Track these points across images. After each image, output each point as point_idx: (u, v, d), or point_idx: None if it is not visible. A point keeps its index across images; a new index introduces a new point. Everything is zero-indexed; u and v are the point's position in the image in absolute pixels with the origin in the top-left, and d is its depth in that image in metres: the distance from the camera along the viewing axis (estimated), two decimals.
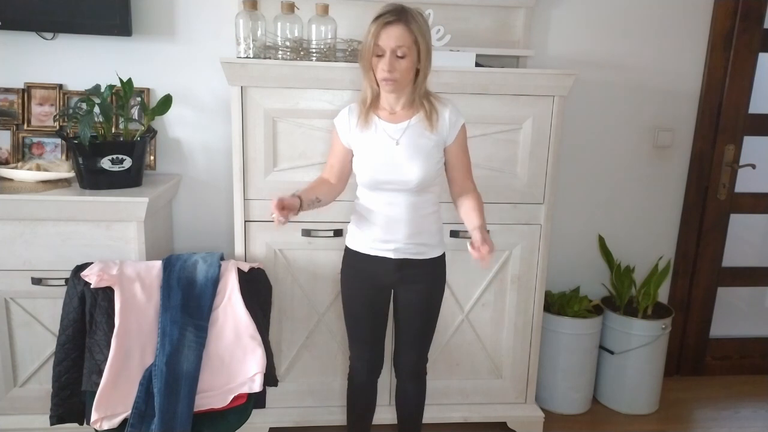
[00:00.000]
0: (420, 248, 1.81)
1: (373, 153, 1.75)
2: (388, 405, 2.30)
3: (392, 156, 1.74)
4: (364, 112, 1.77)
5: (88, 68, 2.34)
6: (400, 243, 1.79)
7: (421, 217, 1.80)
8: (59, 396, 1.93)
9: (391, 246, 1.80)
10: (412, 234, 1.79)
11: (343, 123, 1.81)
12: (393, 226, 1.78)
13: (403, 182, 1.74)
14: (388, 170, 1.73)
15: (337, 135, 1.83)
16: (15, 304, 2.12)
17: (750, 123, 2.74)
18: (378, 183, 1.76)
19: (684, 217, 2.80)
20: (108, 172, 2.12)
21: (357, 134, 1.79)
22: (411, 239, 1.79)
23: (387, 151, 1.74)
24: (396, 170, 1.73)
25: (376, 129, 1.76)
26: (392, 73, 1.65)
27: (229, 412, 1.91)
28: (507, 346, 2.37)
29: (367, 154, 1.76)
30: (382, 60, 1.65)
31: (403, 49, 1.64)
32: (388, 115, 1.77)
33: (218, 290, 1.99)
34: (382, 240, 1.80)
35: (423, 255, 1.83)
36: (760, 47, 2.65)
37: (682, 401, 2.77)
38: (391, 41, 1.63)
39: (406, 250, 1.80)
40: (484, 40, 2.43)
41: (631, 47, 2.57)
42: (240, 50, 2.10)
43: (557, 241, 2.66)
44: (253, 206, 2.15)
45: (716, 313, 2.94)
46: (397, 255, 1.81)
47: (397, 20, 1.63)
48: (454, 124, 1.77)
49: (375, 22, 1.65)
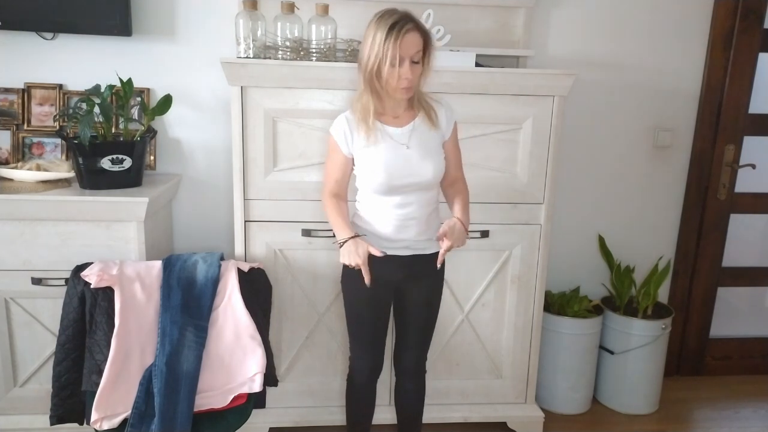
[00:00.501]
0: (426, 243, 1.84)
1: (386, 159, 1.74)
2: (388, 405, 2.30)
3: (406, 159, 1.74)
4: (366, 122, 1.74)
5: (88, 68, 2.34)
6: (411, 240, 1.81)
7: (430, 214, 1.83)
8: (59, 396, 1.93)
9: (402, 245, 1.81)
10: (422, 231, 1.82)
11: (344, 134, 1.77)
12: (406, 225, 1.79)
13: (419, 183, 1.76)
14: (403, 174, 1.74)
15: (337, 145, 1.79)
16: (15, 304, 2.12)
17: (750, 123, 2.74)
18: (394, 188, 1.75)
19: (684, 217, 2.80)
20: (108, 172, 2.12)
21: (361, 144, 1.76)
22: (420, 236, 1.82)
23: (399, 155, 1.74)
24: (411, 172, 1.75)
25: (383, 136, 1.75)
26: (410, 79, 1.65)
27: (229, 412, 1.91)
28: (507, 346, 2.37)
29: (378, 162, 1.74)
30: (400, 68, 1.63)
31: (419, 55, 1.66)
32: (391, 120, 1.77)
33: (218, 290, 1.99)
34: (393, 240, 1.80)
35: (428, 249, 1.85)
36: (760, 47, 2.65)
37: (682, 401, 2.77)
38: (411, 49, 1.62)
39: (416, 246, 1.83)
40: (484, 40, 2.43)
41: (631, 47, 2.57)
42: (240, 50, 2.10)
43: (557, 241, 2.66)
44: (253, 206, 2.15)
45: (716, 313, 2.94)
46: (407, 252, 1.82)
47: (414, 27, 1.63)
48: (450, 119, 1.83)
49: (392, 30, 1.59)
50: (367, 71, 1.66)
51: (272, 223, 2.17)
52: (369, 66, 1.65)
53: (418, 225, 1.80)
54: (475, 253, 2.26)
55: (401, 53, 1.61)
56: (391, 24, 1.60)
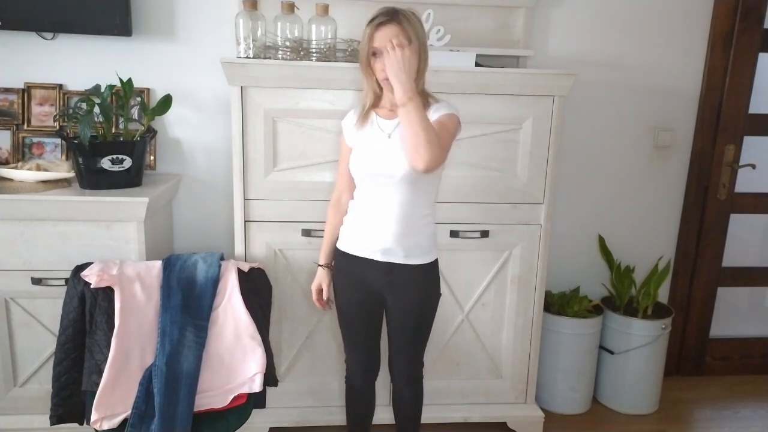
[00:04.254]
0: (410, 251, 1.77)
1: (365, 145, 1.78)
2: (388, 405, 2.30)
3: (382, 148, 1.75)
4: (363, 112, 1.81)
5: (88, 68, 2.34)
6: (389, 243, 1.75)
7: (413, 217, 1.76)
8: (59, 396, 1.93)
9: (379, 246, 1.76)
10: (402, 234, 1.75)
11: (349, 124, 1.85)
12: (382, 222, 1.75)
13: (392, 174, 1.72)
14: (377, 162, 1.74)
15: (343, 137, 1.87)
16: (15, 304, 2.12)
17: (750, 123, 2.74)
18: (367, 175, 1.77)
19: (684, 217, 2.80)
20: (108, 172, 2.12)
21: (355, 133, 1.82)
22: (400, 239, 1.75)
23: (378, 143, 1.76)
24: (385, 162, 1.73)
25: (372, 125, 1.79)
26: None
27: (229, 412, 1.91)
28: (507, 346, 2.37)
29: (359, 148, 1.80)
30: (379, 60, 1.67)
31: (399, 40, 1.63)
32: (386, 112, 1.80)
33: (218, 290, 1.99)
34: (370, 239, 1.78)
35: (412, 260, 1.78)
36: (760, 47, 2.65)
37: (682, 401, 2.77)
38: (384, 40, 1.64)
39: (395, 252, 1.76)
40: (484, 40, 2.43)
41: (631, 47, 2.57)
42: (240, 50, 2.10)
43: (557, 241, 2.66)
44: (253, 206, 2.15)
45: (716, 313, 2.94)
46: (385, 257, 1.77)
47: (389, 20, 1.65)
48: (438, 110, 1.72)
49: (368, 25, 1.68)
50: (361, 66, 1.74)
51: (272, 223, 2.17)
52: (361, 61, 1.73)
53: (397, 225, 1.74)
54: (475, 253, 2.26)
55: (377, 45, 1.66)
56: (370, 19, 1.68)
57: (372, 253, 1.79)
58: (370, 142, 1.78)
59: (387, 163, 1.73)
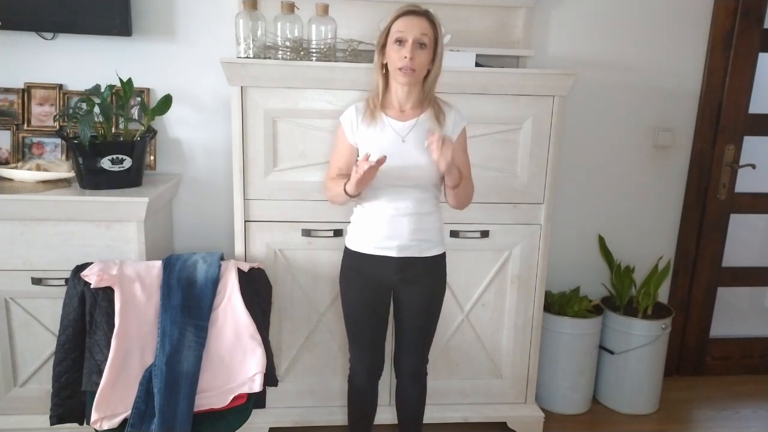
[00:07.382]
0: (422, 244, 1.82)
1: (382, 149, 1.75)
2: (389, 405, 2.30)
3: (399, 152, 1.74)
4: (371, 109, 1.79)
5: (88, 68, 2.34)
6: (404, 239, 1.80)
7: (424, 214, 1.81)
8: (59, 396, 1.93)
9: (394, 243, 1.80)
10: (415, 230, 1.80)
11: (350, 122, 1.82)
12: (398, 222, 1.79)
13: (410, 178, 1.76)
14: (398, 165, 1.74)
15: (344, 133, 1.83)
16: (15, 304, 2.12)
17: (750, 123, 2.74)
18: (385, 180, 1.76)
19: (684, 217, 2.80)
20: (108, 172, 2.12)
21: (363, 131, 1.80)
22: (414, 235, 1.80)
23: (394, 147, 1.75)
24: (406, 165, 1.74)
25: (384, 126, 1.78)
26: (413, 61, 1.67)
27: (229, 412, 1.91)
28: (507, 346, 2.37)
29: (370, 149, 1.77)
30: (402, 48, 1.67)
31: (426, 38, 1.67)
32: (396, 113, 1.79)
33: (218, 290, 1.99)
34: (386, 237, 1.80)
35: (424, 252, 1.83)
36: (760, 47, 2.65)
37: (682, 401, 2.77)
38: (415, 29, 1.66)
39: (409, 246, 1.81)
40: (484, 40, 2.43)
41: (631, 47, 2.57)
42: (240, 50, 2.10)
43: (557, 241, 2.66)
44: (253, 206, 2.15)
45: (716, 313, 2.94)
46: (400, 253, 1.81)
47: (423, 14, 1.69)
48: (457, 123, 1.82)
49: (402, 11, 1.70)
50: (378, 46, 1.74)
51: (272, 223, 2.17)
52: (378, 44, 1.74)
53: (411, 223, 1.79)
54: (475, 253, 2.26)
55: (404, 30, 1.67)
56: (404, 7, 1.71)
57: (387, 250, 1.81)
58: (382, 145, 1.76)
59: (403, 167, 1.74)
